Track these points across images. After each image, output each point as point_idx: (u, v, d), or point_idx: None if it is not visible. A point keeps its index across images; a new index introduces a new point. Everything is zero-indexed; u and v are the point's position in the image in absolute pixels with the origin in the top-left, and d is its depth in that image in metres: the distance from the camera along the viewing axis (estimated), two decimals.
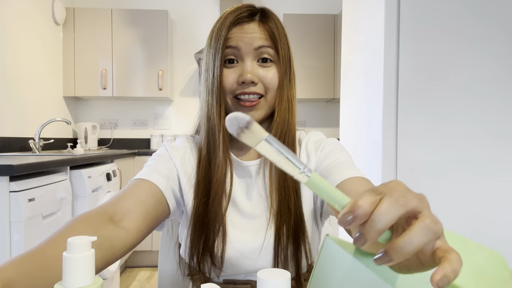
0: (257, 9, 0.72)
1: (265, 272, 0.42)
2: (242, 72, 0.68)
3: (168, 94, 3.16)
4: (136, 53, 3.12)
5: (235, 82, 0.68)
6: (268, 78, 0.69)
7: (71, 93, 3.10)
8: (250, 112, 0.69)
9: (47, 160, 1.55)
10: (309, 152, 0.76)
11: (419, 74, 1.44)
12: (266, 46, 0.69)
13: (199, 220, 0.69)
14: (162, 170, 0.70)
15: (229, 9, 0.72)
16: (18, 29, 2.48)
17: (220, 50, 0.68)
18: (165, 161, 0.73)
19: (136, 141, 3.48)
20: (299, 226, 0.69)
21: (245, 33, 0.68)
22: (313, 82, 3.23)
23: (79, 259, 0.41)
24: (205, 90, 0.71)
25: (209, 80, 0.70)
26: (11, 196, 1.31)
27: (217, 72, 0.68)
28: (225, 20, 0.69)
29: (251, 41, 0.68)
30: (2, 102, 2.31)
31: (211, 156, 0.70)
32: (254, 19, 0.70)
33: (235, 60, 0.69)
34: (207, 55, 0.71)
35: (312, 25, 3.21)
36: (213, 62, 0.69)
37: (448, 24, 1.44)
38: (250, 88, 0.68)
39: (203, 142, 0.72)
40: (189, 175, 0.72)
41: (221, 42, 0.68)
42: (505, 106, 1.45)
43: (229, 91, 0.69)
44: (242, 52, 0.68)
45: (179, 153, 0.75)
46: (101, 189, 2.04)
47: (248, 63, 0.68)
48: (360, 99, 1.72)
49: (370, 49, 1.58)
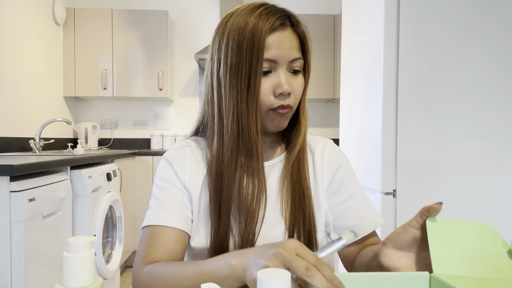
0: (285, 11, 0.69)
1: (265, 272, 0.42)
2: (278, 83, 0.66)
3: (168, 94, 3.17)
4: (137, 53, 3.13)
5: (271, 94, 0.67)
6: (297, 89, 0.69)
7: (72, 93, 3.10)
8: (283, 121, 0.70)
9: (48, 160, 1.55)
10: (323, 163, 0.77)
11: (419, 74, 1.44)
12: (298, 58, 0.68)
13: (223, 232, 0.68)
14: (173, 203, 0.69)
15: (250, 6, 0.68)
16: (19, 29, 2.48)
17: (259, 59, 0.64)
18: (171, 184, 0.71)
19: (136, 141, 3.48)
20: (311, 234, 0.70)
21: (283, 43, 0.66)
22: (313, 82, 3.22)
23: (79, 259, 0.41)
24: (231, 97, 0.67)
25: (243, 89, 0.66)
26: (11, 196, 1.31)
27: (256, 83, 0.65)
28: (259, 24, 0.65)
29: (289, 54, 0.66)
30: (3, 102, 2.32)
31: (239, 168, 0.69)
32: (287, 25, 0.67)
33: (270, 71, 0.67)
34: (237, 57, 0.65)
35: (312, 25, 3.20)
36: (249, 70, 0.65)
37: (448, 24, 1.44)
38: (286, 100, 0.67)
39: (227, 155, 0.68)
40: (199, 191, 0.71)
41: (260, 50, 0.64)
42: (505, 106, 1.45)
43: (266, 104, 0.67)
44: (278, 64, 0.67)
45: (186, 168, 0.72)
46: (101, 189, 2.04)
47: (283, 74, 0.67)
48: (360, 99, 1.72)
49: (370, 49, 1.58)
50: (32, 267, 1.39)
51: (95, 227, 1.97)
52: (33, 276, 1.40)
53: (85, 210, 1.86)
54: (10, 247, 1.32)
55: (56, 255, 1.59)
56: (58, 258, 1.61)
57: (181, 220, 0.68)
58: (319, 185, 0.75)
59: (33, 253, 1.40)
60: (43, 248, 1.48)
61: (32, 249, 1.39)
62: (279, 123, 0.69)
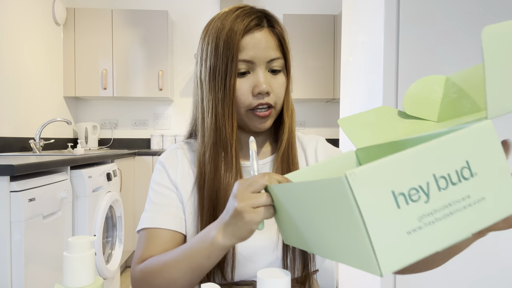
0: (263, 12, 0.70)
1: (265, 272, 0.42)
2: (256, 83, 0.67)
3: (168, 94, 3.17)
4: (137, 53, 3.13)
5: (250, 94, 0.68)
6: (278, 88, 0.70)
7: (72, 93, 3.10)
8: (264, 122, 0.70)
9: (48, 160, 1.55)
10: (317, 158, 0.78)
11: (418, 74, 1.44)
12: (277, 58, 0.69)
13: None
14: (168, 205, 0.71)
15: (229, 9, 0.70)
16: (19, 29, 2.48)
17: (233, 61, 0.65)
18: (166, 187, 0.73)
19: (136, 141, 3.48)
20: None
21: (259, 44, 0.67)
22: (313, 82, 3.23)
23: (79, 259, 0.41)
24: (210, 98, 0.68)
25: (219, 90, 0.67)
26: (11, 196, 1.31)
27: (231, 84, 0.66)
28: (234, 25, 0.66)
29: (265, 54, 0.67)
30: (3, 102, 2.32)
31: (219, 166, 0.70)
32: (263, 26, 0.69)
33: (248, 71, 0.68)
34: (214, 59, 0.67)
35: (312, 25, 3.21)
36: (225, 71, 0.66)
37: (448, 24, 1.44)
38: (265, 99, 0.68)
39: (207, 154, 0.70)
40: (190, 191, 0.73)
41: (234, 52, 0.65)
42: None
43: (244, 104, 0.68)
44: (255, 65, 0.67)
45: (178, 169, 0.74)
46: (101, 189, 2.04)
47: (261, 74, 0.67)
48: (360, 99, 1.72)
49: (370, 49, 1.58)
50: (32, 267, 1.40)
51: (95, 227, 1.97)
52: (33, 276, 1.40)
53: (85, 210, 1.86)
54: (10, 247, 1.32)
55: (56, 255, 1.59)
56: (58, 258, 1.61)
57: (176, 222, 0.70)
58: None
59: (33, 253, 1.40)
60: (43, 248, 1.48)
61: (32, 249, 1.39)
62: (260, 124, 0.70)
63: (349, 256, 0.40)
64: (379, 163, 0.35)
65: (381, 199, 0.35)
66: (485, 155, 0.40)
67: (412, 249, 0.36)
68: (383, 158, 0.36)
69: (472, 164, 0.39)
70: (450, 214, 0.38)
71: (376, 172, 0.35)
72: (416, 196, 0.37)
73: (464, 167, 0.39)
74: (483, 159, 0.40)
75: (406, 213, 0.36)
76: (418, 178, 0.37)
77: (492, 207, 0.40)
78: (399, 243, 0.36)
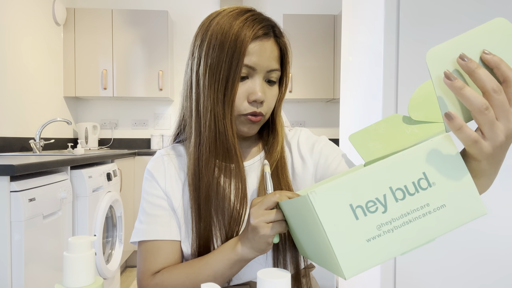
0: (270, 22, 0.70)
1: (265, 272, 0.42)
2: (253, 90, 0.67)
3: (168, 94, 3.17)
4: (137, 53, 3.13)
5: (245, 99, 0.68)
6: (271, 99, 0.71)
7: (72, 93, 3.10)
8: (253, 128, 0.71)
9: (48, 160, 1.55)
10: (303, 156, 0.77)
11: (418, 74, 1.44)
12: (276, 69, 0.69)
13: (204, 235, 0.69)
14: (161, 216, 0.72)
15: (236, 11, 0.68)
16: (19, 29, 2.48)
17: (239, 64, 0.65)
18: (157, 196, 0.73)
19: (136, 141, 3.48)
20: None
21: (264, 52, 0.67)
22: (313, 82, 3.23)
23: (79, 259, 0.41)
24: (209, 96, 0.67)
25: (219, 90, 0.66)
26: (11, 196, 1.31)
27: (234, 86, 0.66)
28: (243, 29, 0.65)
29: (267, 63, 0.67)
30: (3, 102, 2.32)
31: (217, 165, 0.70)
32: (270, 35, 0.69)
33: (247, 77, 0.68)
34: (217, 57, 0.66)
35: (312, 26, 3.21)
36: (228, 72, 0.65)
37: (448, 25, 1.44)
38: (259, 108, 0.68)
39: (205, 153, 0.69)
40: (180, 197, 0.73)
41: (241, 56, 0.65)
42: None
43: (239, 108, 0.68)
44: (255, 72, 0.67)
45: (166, 177, 0.74)
46: (101, 189, 2.04)
47: (259, 82, 0.68)
48: (360, 99, 1.72)
49: (370, 49, 1.59)
50: (32, 267, 1.40)
51: (95, 227, 1.97)
52: (33, 276, 1.40)
53: (85, 210, 1.86)
54: (10, 247, 1.32)
55: (56, 255, 1.59)
56: (58, 258, 1.61)
57: (172, 230, 0.71)
58: (306, 172, 0.76)
59: (33, 253, 1.40)
60: (43, 248, 1.48)
61: (32, 249, 1.40)
62: (249, 129, 0.71)
63: (325, 262, 0.46)
64: (337, 182, 0.41)
65: (340, 213, 0.41)
66: (443, 166, 0.43)
67: (373, 255, 0.41)
68: (343, 177, 0.41)
69: (430, 175, 0.43)
70: (409, 221, 0.42)
71: (334, 190, 0.41)
72: (373, 208, 0.41)
73: (421, 178, 0.43)
74: (442, 169, 0.43)
75: (365, 223, 0.41)
76: (375, 191, 0.41)
77: (453, 213, 0.43)
78: (360, 250, 0.41)
